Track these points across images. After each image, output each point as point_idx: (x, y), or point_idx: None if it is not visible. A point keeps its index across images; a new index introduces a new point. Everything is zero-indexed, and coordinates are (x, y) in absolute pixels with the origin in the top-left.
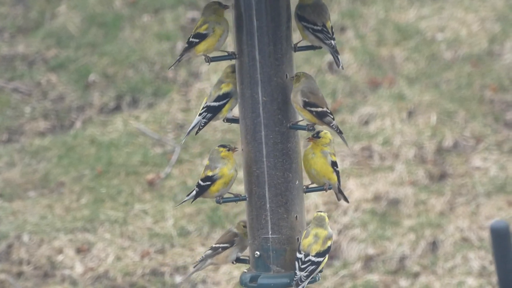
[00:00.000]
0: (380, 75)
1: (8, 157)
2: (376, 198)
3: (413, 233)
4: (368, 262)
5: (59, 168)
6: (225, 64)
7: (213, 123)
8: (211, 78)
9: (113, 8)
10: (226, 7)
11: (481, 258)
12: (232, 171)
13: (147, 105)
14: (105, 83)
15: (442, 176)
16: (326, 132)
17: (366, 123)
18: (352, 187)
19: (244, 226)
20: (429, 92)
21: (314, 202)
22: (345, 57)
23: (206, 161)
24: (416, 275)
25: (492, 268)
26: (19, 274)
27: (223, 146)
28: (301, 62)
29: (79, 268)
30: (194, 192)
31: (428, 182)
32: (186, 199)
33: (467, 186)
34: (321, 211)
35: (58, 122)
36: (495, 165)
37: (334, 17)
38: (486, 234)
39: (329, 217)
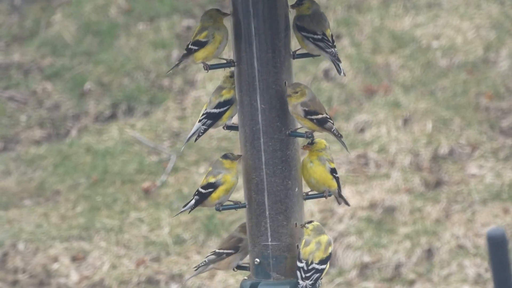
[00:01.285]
0: (376, 83)
1: (3, 166)
2: (372, 205)
3: (408, 241)
4: (363, 269)
5: (55, 176)
6: (221, 72)
7: (209, 131)
8: (206, 86)
9: (108, 16)
10: (225, 14)
11: (477, 266)
12: (234, 178)
13: (143, 113)
14: (100, 92)
15: (438, 184)
16: (320, 139)
17: (362, 130)
18: (348, 194)
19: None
20: (424, 99)
21: (309, 209)
22: (341, 64)
23: (201, 169)
24: (411, 283)
25: (487, 275)
26: (15, 283)
27: (226, 157)
28: (296, 69)
29: (74, 277)
30: (193, 201)
31: (424, 189)
32: (185, 208)
33: (463, 193)
34: (312, 221)
35: (53, 130)
36: (490, 172)
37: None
38: (481, 242)
39: (324, 224)
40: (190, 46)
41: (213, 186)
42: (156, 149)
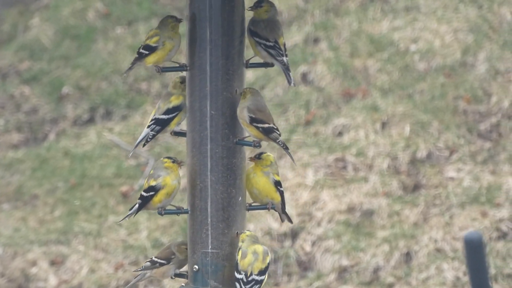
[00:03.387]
0: (354, 87)
1: None
2: (350, 209)
3: (387, 244)
4: (342, 273)
5: (33, 180)
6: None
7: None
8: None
9: (86, 20)
10: (180, 20)
11: (455, 269)
12: (175, 182)
13: (121, 117)
14: (78, 95)
15: (416, 187)
16: (268, 154)
17: (340, 134)
18: (326, 198)
19: (186, 249)
20: (402, 103)
21: (288, 213)
22: (319, 68)
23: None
24: (390, 286)
25: (466, 279)
26: None
27: (169, 157)
28: (274, 73)
29: (53, 281)
30: (137, 205)
31: (402, 193)
32: (128, 213)
33: (441, 197)
34: (248, 230)
35: (31, 134)
36: (468, 175)
37: (307, 29)
38: (460, 245)
39: (302, 228)
40: (141, 50)
41: (154, 189)
42: (134, 153)
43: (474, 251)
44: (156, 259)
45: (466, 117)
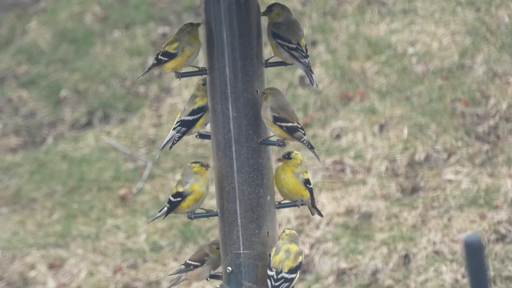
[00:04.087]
0: (352, 89)
1: None
2: (348, 211)
3: (385, 247)
4: (340, 276)
5: (31, 184)
6: (197, 79)
7: (184, 138)
8: (182, 93)
9: (84, 24)
10: (198, 25)
11: (454, 271)
12: (203, 188)
13: (119, 121)
14: (76, 99)
15: (414, 190)
16: (297, 153)
17: (338, 137)
18: (324, 201)
19: (217, 248)
20: (400, 105)
21: (286, 216)
22: (316, 71)
23: (178, 176)
24: None
25: (465, 281)
26: None
27: (196, 162)
28: (272, 76)
29: (51, 284)
30: (165, 208)
31: (400, 195)
32: (158, 215)
33: (439, 199)
34: (290, 229)
35: (29, 138)
36: (467, 178)
37: (305, 32)
38: (458, 247)
39: (301, 231)
40: (160, 57)
41: (181, 195)
42: (132, 156)
43: (474, 253)
44: (190, 262)
45: (464, 119)
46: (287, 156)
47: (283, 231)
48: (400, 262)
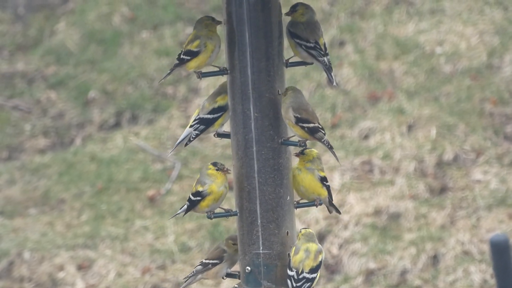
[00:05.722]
0: (380, 89)
1: (8, 175)
2: (377, 212)
3: (414, 247)
4: (369, 276)
5: (60, 185)
6: (223, 79)
7: (213, 138)
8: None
9: (112, 24)
10: (218, 22)
11: (482, 271)
12: (222, 188)
13: (147, 121)
14: (104, 100)
15: (443, 190)
16: (311, 150)
17: (366, 137)
18: (353, 201)
19: (234, 244)
20: (428, 105)
21: (314, 216)
22: (345, 71)
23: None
24: None
25: (493, 281)
26: None
27: (214, 164)
28: (300, 77)
29: (80, 285)
30: (185, 206)
31: (429, 195)
32: (178, 212)
33: (468, 199)
34: (306, 228)
35: (58, 139)
36: (495, 178)
37: (333, 32)
38: (487, 247)
39: (329, 231)
40: (182, 56)
41: (201, 195)
42: (160, 157)
43: (500, 253)
44: (207, 261)
45: (492, 119)
46: (301, 152)
47: (299, 231)
48: (429, 262)
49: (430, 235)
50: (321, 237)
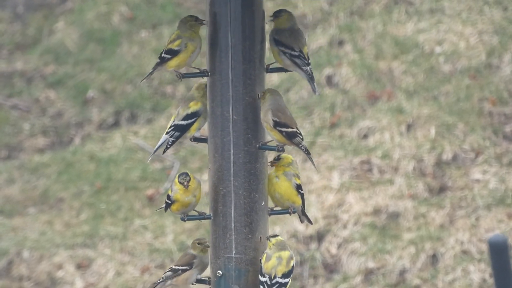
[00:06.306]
0: (379, 89)
1: (7, 174)
2: (376, 211)
3: (413, 246)
4: (368, 275)
5: (59, 184)
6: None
7: None
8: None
9: (111, 24)
10: (202, 23)
11: (482, 271)
12: (189, 198)
13: (146, 121)
14: (103, 99)
15: (442, 189)
16: (287, 155)
17: (365, 136)
18: (352, 200)
19: (199, 244)
20: (428, 105)
21: (313, 215)
22: (344, 71)
23: (205, 176)
24: None
25: (492, 281)
26: None
27: (179, 175)
28: (298, 76)
29: (79, 284)
30: (164, 205)
31: (428, 195)
32: (159, 208)
33: (467, 198)
34: (276, 235)
35: (57, 138)
36: (494, 177)
37: (332, 31)
38: (486, 247)
39: (328, 231)
40: (163, 55)
41: (170, 199)
42: (159, 157)
43: (499, 253)
44: (177, 267)
45: (491, 119)
46: (277, 158)
47: (268, 240)
48: (428, 261)
49: (429, 234)
50: (320, 237)
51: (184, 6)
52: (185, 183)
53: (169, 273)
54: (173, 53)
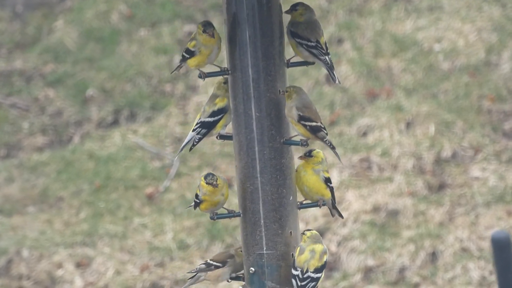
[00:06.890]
0: (378, 87)
1: (6, 173)
2: (375, 209)
3: (412, 244)
4: (368, 273)
5: (58, 183)
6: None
7: (212, 137)
8: (208, 92)
9: (110, 22)
10: (210, 35)
11: (481, 268)
12: (217, 197)
13: (145, 119)
14: (103, 98)
15: (441, 187)
16: (318, 151)
17: (364, 134)
18: (351, 198)
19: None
20: (427, 103)
21: (312, 214)
22: (343, 68)
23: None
24: (416, 286)
25: (492, 278)
26: None
27: (205, 177)
28: (298, 74)
29: (79, 283)
30: (193, 203)
31: (427, 192)
32: (190, 205)
33: (466, 196)
34: (311, 230)
35: (56, 137)
36: (493, 175)
37: (331, 29)
38: (485, 244)
39: (328, 228)
40: (183, 53)
41: (198, 199)
42: (158, 155)
43: (501, 250)
44: (211, 262)
45: (490, 116)
46: (308, 154)
47: (303, 233)
48: (427, 259)
49: (428, 232)
50: (319, 235)
51: (183, 4)
52: (214, 182)
53: (203, 266)
54: (190, 53)
